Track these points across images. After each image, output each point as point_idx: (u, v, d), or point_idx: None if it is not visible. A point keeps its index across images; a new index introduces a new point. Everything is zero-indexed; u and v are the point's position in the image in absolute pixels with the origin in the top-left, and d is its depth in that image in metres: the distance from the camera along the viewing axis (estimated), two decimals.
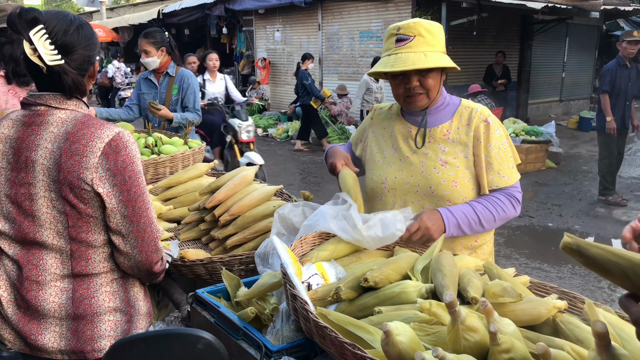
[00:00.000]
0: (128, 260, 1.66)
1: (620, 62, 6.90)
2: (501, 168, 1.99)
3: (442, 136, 2.04)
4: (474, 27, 11.10)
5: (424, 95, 1.99)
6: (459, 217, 1.92)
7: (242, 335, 1.56)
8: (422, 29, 1.92)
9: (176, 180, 2.76)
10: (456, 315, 1.07)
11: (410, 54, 1.91)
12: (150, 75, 4.60)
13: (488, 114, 2.03)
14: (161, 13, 17.03)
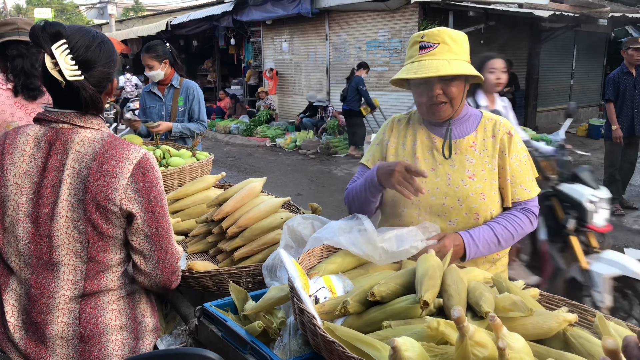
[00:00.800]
0: (149, 281, 1.69)
1: (625, 69, 6.83)
2: (523, 181, 1.99)
3: (469, 147, 2.02)
4: (481, 35, 11.11)
5: (447, 104, 1.97)
6: (480, 243, 1.91)
7: (250, 350, 1.55)
8: (447, 36, 1.91)
9: (184, 192, 2.77)
10: (464, 331, 1.06)
11: (434, 61, 1.89)
12: (153, 88, 4.55)
13: (510, 127, 2.03)
14: (169, 25, 17.17)
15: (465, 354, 1.07)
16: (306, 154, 12.04)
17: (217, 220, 2.38)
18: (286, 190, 8.22)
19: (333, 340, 1.31)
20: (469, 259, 1.92)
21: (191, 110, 4.49)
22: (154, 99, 4.55)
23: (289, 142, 12.85)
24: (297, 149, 12.49)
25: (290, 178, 9.54)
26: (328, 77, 13.94)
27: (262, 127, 14.30)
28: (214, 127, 15.28)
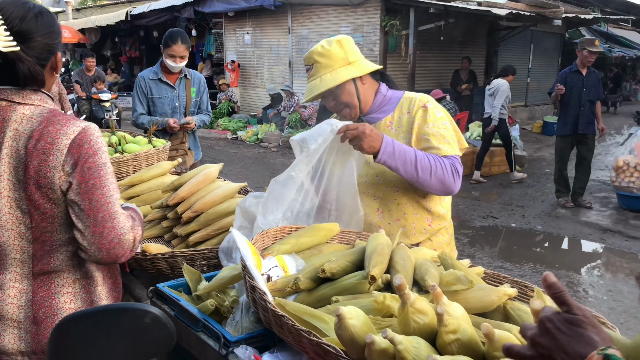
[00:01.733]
0: (88, 257, 1.60)
1: (574, 68, 6.99)
2: (440, 142, 2.03)
3: (386, 128, 2.14)
4: (441, 32, 11.29)
5: (346, 108, 2.14)
6: (397, 149, 1.94)
7: (202, 327, 1.56)
8: (316, 55, 2.09)
9: (139, 178, 2.75)
10: (406, 298, 1.10)
11: (312, 81, 2.11)
12: (161, 75, 4.20)
13: (427, 100, 2.10)
14: (129, 15, 16.81)
15: (406, 321, 1.12)
16: (268, 147, 12.01)
17: (172, 205, 2.38)
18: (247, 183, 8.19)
19: (282, 314, 1.34)
20: (382, 158, 1.93)
21: (201, 102, 4.37)
22: (164, 89, 4.22)
23: (250, 135, 12.79)
24: (259, 142, 12.45)
25: (251, 171, 9.51)
26: (291, 71, 13.93)
27: (223, 120, 14.18)
28: None
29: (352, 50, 2.12)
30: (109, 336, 0.83)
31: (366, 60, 2.15)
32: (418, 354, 1.03)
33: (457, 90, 12.07)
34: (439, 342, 1.08)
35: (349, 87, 2.09)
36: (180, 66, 4.08)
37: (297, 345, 1.36)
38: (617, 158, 7.13)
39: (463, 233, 6.24)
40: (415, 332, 1.11)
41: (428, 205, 2.15)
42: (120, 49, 21.01)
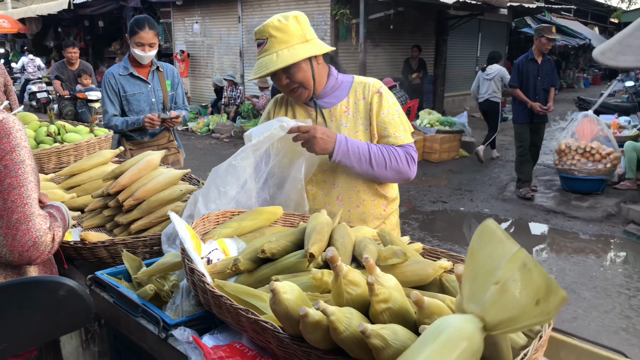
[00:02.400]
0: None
1: (530, 56, 6.91)
2: (396, 130, 2.08)
3: (343, 113, 2.12)
4: (391, 21, 11.40)
5: (300, 88, 2.06)
6: (351, 148, 1.96)
7: (141, 313, 1.54)
8: (271, 29, 1.97)
9: (79, 167, 2.67)
10: (338, 270, 1.11)
11: (267, 57, 1.98)
12: (132, 70, 3.79)
13: (380, 86, 2.13)
14: (72, 4, 16.23)
15: (339, 292, 1.13)
16: (220, 138, 11.88)
17: (113, 193, 2.32)
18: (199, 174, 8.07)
19: (221, 294, 1.33)
20: (336, 159, 1.95)
21: (176, 95, 3.98)
22: (137, 84, 3.81)
23: (201, 126, 12.61)
24: (211, 133, 12.29)
25: (202, 162, 9.38)
26: (242, 60, 13.78)
27: None
28: None
29: (309, 28, 2.05)
30: (21, 310, 0.81)
31: (320, 40, 2.11)
32: (350, 324, 1.04)
33: (407, 79, 12.23)
34: (371, 311, 1.10)
35: (305, 66, 2.02)
36: (149, 55, 3.69)
37: (237, 324, 1.36)
38: (559, 142, 7.39)
39: (414, 217, 6.35)
40: (348, 303, 1.13)
41: (384, 192, 2.19)
42: (64, 40, 20.27)
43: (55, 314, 0.85)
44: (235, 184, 1.99)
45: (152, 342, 1.49)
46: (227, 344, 1.36)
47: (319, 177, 2.13)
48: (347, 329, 1.05)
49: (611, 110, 10.16)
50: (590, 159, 7.02)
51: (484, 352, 1.06)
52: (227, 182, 1.98)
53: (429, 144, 9.37)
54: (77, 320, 0.92)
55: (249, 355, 1.31)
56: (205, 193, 1.97)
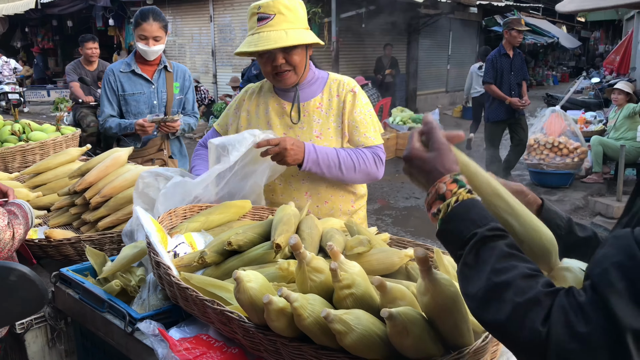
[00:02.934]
0: None
1: (502, 51, 6.78)
2: (367, 130, 2.10)
3: (315, 109, 2.12)
4: (363, 19, 11.46)
5: (291, 72, 2.05)
6: (321, 155, 1.98)
7: (107, 308, 1.53)
8: (282, 6, 1.96)
9: (45, 166, 2.62)
10: (301, 257, 1.12)
11: (272, 32, 1.95)
12: (134, 67, 3.38)
13: (354, 85, 2.14)
14: (39, 3, 15.91)
15: (303, 279, 1.14)
16: (193, 137, 11.77)
17: (79, 190, 2.29)
18: None
19: (187, 286, 1.33)
20: (306, 167, 1.96)
21: (186, 100, 3.53)
22: (139, 83, 3.39)
23: None
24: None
25: None
26: (214, 60, 13.69)
27: None
28: None
29: (306, 16, 2.07)
30: None
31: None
32: (313, 310, 1.05)
33: (379, 77, 12.31)
34: (335, 297, 1.11)
35: (302, 52, 2.03)
36: (154, 50, 3.28)
37: (203, 316, 1.35)
38: (528, 137, 7.52)
39: (387, 214, 6.40)
40: (312, 290, 1.13)
41: (352, 188, 2.20)
42: (32, 40, 19.87)
43: (5, 300, 0.84)
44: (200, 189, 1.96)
45: (118, 337, 1.47)
46: (194, 335, 1.35)
47: (288, 172, 2.13)
48: (310, 315, 1.06)
49: (578, 106, 10.38)
50: (558, 153, 7.17)
51: (446, 335, 1.08)
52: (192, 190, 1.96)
53: (402, 141, 9.44)
54: (30, 307, 0.91)
55: (216, 347, 1.31)
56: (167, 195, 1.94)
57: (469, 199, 0.91)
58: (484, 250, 0.84)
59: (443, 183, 0.93)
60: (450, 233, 0.90)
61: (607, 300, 0.68)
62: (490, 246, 0.84)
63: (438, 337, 1.09)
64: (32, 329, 1.75)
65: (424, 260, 0.98)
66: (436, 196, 0.94)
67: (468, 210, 0.89)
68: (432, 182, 0.95)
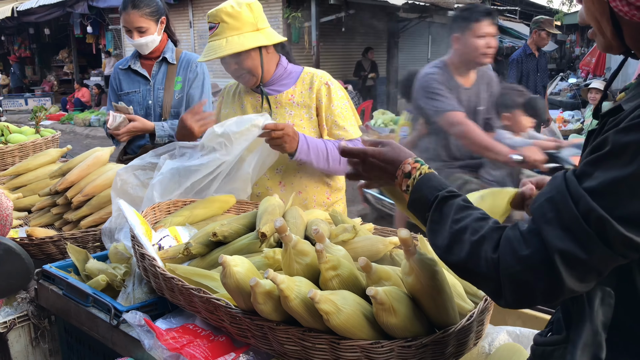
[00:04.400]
0: None
1: (528, 50, 6.20)
2: (346, 124, 2.12)
3: (288, 101, 2.14)
4: (342, 24, 11.51)
5: (248, 74, 2.09)
6: (311, 145, 1.99)
7: (92, 302, 1.52)
8: (224, 14, 1.99)
9: (25, 167, 2.59)
10: (287, 240, 1.13)
11: (217, 41, 2.01)
12: (134, 63, 2.94)
13: (329, 78, 2.16)
14: (15, 11, 15.71)
15: (289, 262, 1.15)
16: None
17: (61, 190, 2.26)
18: None
19: (172, 276, 1.33)
20: (298, 156, 1.97)
21: (189, 97, 2.88)
22: (136, 81, 2.94)
23: None
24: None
25: None
26: None
27: None
28: (72, 120, 14.30)
29: (262, 16, 2.08)
30: None
31: (272, 30, 2.13)
32: (300, 292, 1.06)
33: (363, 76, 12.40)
34: (321, 279, 1.12)
35: (254, 54, 2.05)
36: (141, 43, 2.80)
37: (189, 306, 1.35)
38: None
39: (369, 215, 6.42)
40: (298, 273, 1.14)
41: (328, 179, 2.21)
42: (8, 48, 19.60)
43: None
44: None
45: (103, 331, 1.46)
46: (180, 325, 1.35)
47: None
48: (297, 297, 1.06)
49: (556, 106, 10.55)
50: None
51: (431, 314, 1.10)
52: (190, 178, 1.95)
53: None
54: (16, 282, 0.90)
55: (203, 335, 1.31)
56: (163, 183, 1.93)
57: (429, 172, 1.07)
58: (445, 207, 0.98)
59: (407, 164, 1.09)
60: (418, 201, 1.04)
61: (540, 227, 0.82)
62: (450, 203, 0.98)
63: (424, 317, 1.11)
64: (15, 328, 1.73)
65: (407, 240, 1.00)
66: (403, 176, 1.08)
67: (430, 180, 1.05)
68: (396, 167, 1.10)
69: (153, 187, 1.86)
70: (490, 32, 2.90)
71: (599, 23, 0.93)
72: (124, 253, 1.69)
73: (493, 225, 0.91)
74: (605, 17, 0.90)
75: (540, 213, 0.84)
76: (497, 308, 1.49)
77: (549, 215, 0.82)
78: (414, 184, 1.05)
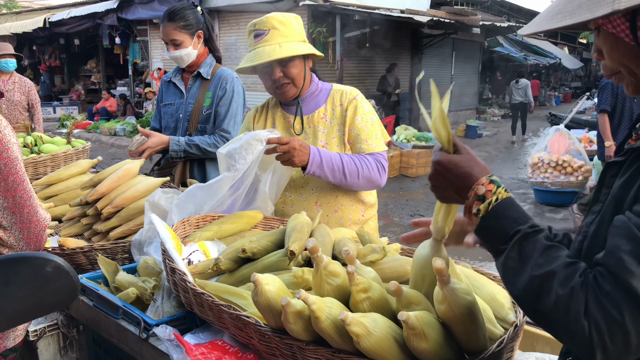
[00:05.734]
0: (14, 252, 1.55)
1: None
2: (369, 137, 2.11)
3: (320, 119, 2.15)
4: (367, 39, 11.58)
5: (290, 84, 2.09)
6: (325, 158, 1.99)
7: (122, 314, 1.54)
8: (275, 21, 2.03)
9: (57, 177, 2.65)
10: (319, 261, 1.14)
11: (267, 47, 2.01)
12: (175, 77, 3.02)
13: (357, 93, 2.18)
14: (47, 22, 16.13)
15: (320, 283, 1.15)
16: None
17: (92, 201, 2.31)
18: None
19: (203, 292, 1.35)
20: (310, 170, 1.97)
21: (216, 114, 2.88)
22: (172, 94, 3.01)
23: None
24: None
25: None
26: None
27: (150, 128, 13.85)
28: (98, 129, 14.57)
29: (304, 30, 2.13)
30: (7, 286, 0.81)
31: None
32: (331, 313, 1.07)
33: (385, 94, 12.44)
34: (351, 301, 1.12)
35: (300, 64, 2.08)
36: (176, 56, 2.84)
37: (218, 322, 1.37)
38: (532, 156, 7.54)
39: (392, 230, 6.40)
40: (329, 294, 1.15)
41: (362, 197, 2.21)
42: (39, 58, 20.10)
43: (41, 290, 0.85)
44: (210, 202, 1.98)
45: (132, 343, 1.48)
46: (209, 341, 1.36)
47: (297, 183, 2.15)
48: (328, 318, 1.07)
49: (581, 126, 10.43)
50: (562, 172, 7.18)
51: (461, 340, 1.10)
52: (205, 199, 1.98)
53: (406, 159, 9.48)
54: (63, 298, 0.92)
55: (231, 352, 1.32)
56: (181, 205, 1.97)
57: (507, 197, 0.98)
58: (526, 246, 0.92)
59: (481, 185, 0.99)
60: (491, 229, 0.97)
61: (630, 285, 0.78)
62: (532, 241, 0.91)
63: (454, 342, 1.11)
64: (44, 337, 1.76)
65: (442, 270, 1.00)
66: (475, 197, 0.99)
67: (508, 209, 0.96)
68: (469, 186, 1.00)
69: (172, 211, 1.89)
70: None
71: (628, 67, 0.90)
72: (154, 267, 1.71)
73: (581, 278, 0.84)
74: (636, 59, 0.88)
75: (625, 269, 0.79)
76: (527, 336, 1.48)
77: (637, 270, 0.78)
78: (488, 209, 0.97)
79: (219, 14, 13.22)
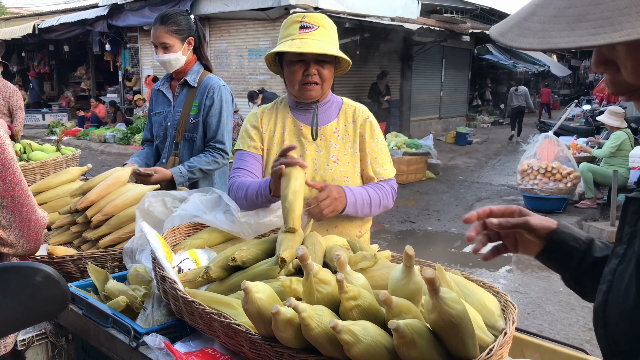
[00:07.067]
0: (15, 251, 1.57)
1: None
2: (385, 162, 2.15)
3: (332, 134, 2.13)
4: (357, 46, 11.64)
5: (318, 86, 2.06)
6: (357, 197, 2.00)
7: (111, 322, 1.54)
8: (325, 21, 2.03)
9: (46, 185, 2.63)
10: (309, 269, 1.14)
11: (315, 40, 1.98)
12: (163, 85, 3.00)
13: (369, 112, 2.19)
14: (37, 28, 16.07)
15: (310, 291, 1.16)
16: None
17: (81, 209, 2.29)
18: None
19: (193, 300, 1.35)
20: (348, 211, 1.96)
21: (207, 125, 2.86)
22: (161, 102, 3.00)
23: None
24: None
25: None
26: None
27: (140, 135, 13.80)
28: (88, 136, 14.50)
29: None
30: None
31: None
32: (321, 321, 1.07)
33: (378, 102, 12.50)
34: (341, 309, 1.13)
35: (332, 70, 2.08)
36: (164, 59, 2.81)
37: (209, 330, 1.36)
38: (521, 162, 7.60)
39: (383, 237, 6.42)
40: (319, 301, 1.15)
41: None
42: (28, 64, 20.00)
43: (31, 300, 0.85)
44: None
45: (122, 352, 1.48)
46: (199, 349, 1.36)
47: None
48: (318, 326, 1.07)
49: (570, 133, 10.52)
50: (551, 178, 7.24)
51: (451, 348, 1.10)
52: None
53: (396, 165, 9.45)
54: (53, 307, 0.92)
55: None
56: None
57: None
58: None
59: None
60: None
61: None
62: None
63: (444, 350, 1.11)
64: (32, 346, 1.75)
65: (433, 280, 1.01)
66: None
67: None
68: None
69: (173, 220, 1.88)
70: None
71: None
72: (145, 275, 1.71)
73: None
74: None
75: None
76: (516, 342, 1.49)
77: None
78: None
79: (210, 21, 13.24)
